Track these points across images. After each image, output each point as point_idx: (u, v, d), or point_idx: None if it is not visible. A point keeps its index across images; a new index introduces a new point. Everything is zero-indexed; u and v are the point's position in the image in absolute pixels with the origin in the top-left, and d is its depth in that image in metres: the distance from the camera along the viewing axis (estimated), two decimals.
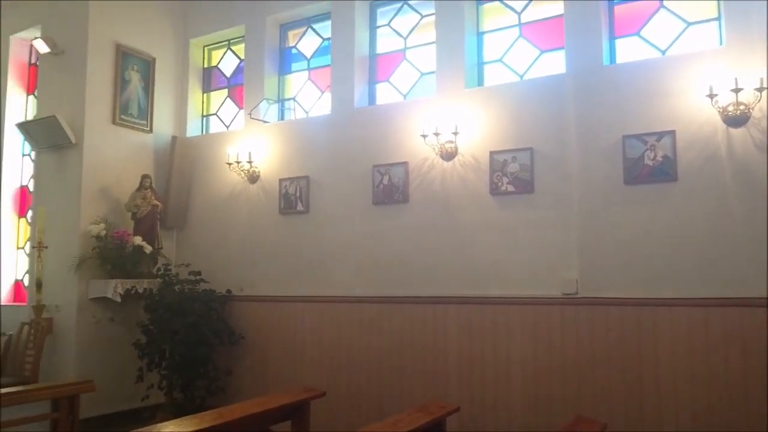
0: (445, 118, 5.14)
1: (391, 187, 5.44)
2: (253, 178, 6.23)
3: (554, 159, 4.79)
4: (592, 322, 4.53)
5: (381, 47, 5.99)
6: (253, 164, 6.17)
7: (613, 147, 4.55)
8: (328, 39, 6.19)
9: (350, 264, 5.63)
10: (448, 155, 5.19)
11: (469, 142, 5.14)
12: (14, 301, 6.67)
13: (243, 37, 6.66)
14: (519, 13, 5.28)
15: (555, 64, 5.05)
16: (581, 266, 4.62)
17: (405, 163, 5.39)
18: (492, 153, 5.01)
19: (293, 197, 5.99)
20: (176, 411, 5.70)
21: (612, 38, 4.85)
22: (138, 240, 6.05)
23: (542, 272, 4.75)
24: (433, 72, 5.50)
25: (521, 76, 5.22)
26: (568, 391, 4.56)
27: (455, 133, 5.11)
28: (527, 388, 4.72)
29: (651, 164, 4.40)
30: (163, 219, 6.40)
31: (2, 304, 6.53)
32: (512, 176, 4.91)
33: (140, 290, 6.00)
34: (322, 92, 6.22)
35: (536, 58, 5.18)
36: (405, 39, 5.84)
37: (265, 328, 6.03)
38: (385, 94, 5.90)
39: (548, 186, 4.79)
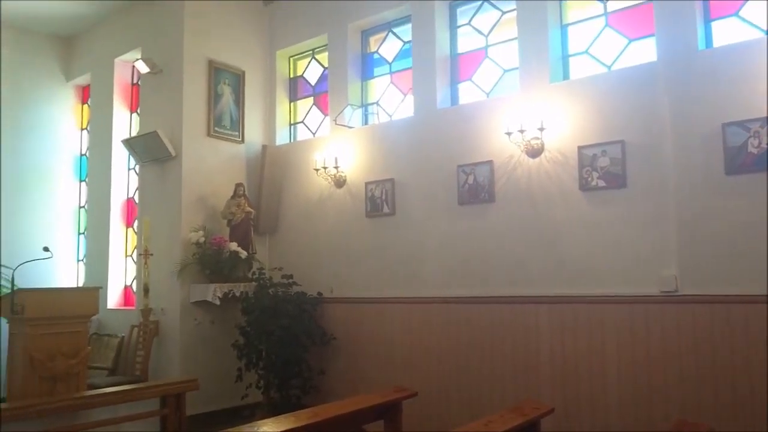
0: (530, 114, 5.05)
1: (476, 187, 5.41)
2: (340, 182, 6.37)
3: (647, 151, 4.59)
4: (694, 320, 4.29)
5: (462, 47, 5.97)
6: (339, 169, 6.31)
7: (712, 136, 4.30)
8: (409, 42, 6.23)
9: (437, 264, 5.64)
10: (534, 152, 5.10)
11: (555, 138, 5.02)
12: (124, 305, 7.16)
13: (326, 45, 6.83)
14: (605, 2, 5.11)
15: (645, 52, 4.84)
16: (680, 262, 4.39)
17: (490, 162, 5.34)
18: (580, 148, 4.87)
19: (379, 200, 6.07)
20: (273, 409, 5.91)
21: (707, 20, 4.59)
22: (234, 246, 6.33)
23: (638, 269, 4.56)
24: (516, 68, 5.42)
25: (609, 67, 5.04)
26: (669, 392, 4.34)
27: (541, 129, 5.01)
28: (624, 389, 4.54)
29: (755, 152, 4.13)
30: (256, 225, 6.66)
31: (114, 308, 7.03)
32: (603, 171, 4.75)
33: (237, 293, 6.27)
34: (405, 95, 6.27)
35: (624, 47, 4.99)
36: (486, 37, 5.79)
37: (355, 328, 6.15)
38: (467, 93, 5.86)
39: (642, 179, 4.60)
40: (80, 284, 7.71)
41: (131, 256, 7.27)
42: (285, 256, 6.77)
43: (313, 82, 7.17)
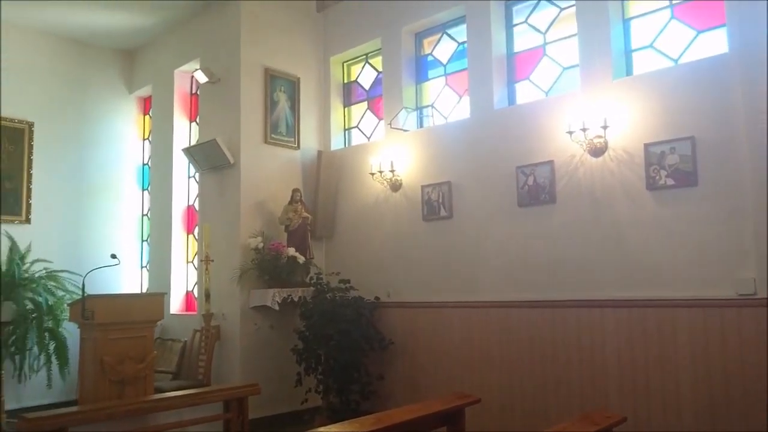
0: (592, 112, 4.90)
1: (536, 188, 5.28)
2: (396, 186, 6.34)
3: (720, 147, 4.37)
4: None
5: (518, 45, 5.85)
6: (395, 173, 6.28)
7: None
8: (464, 43, 6.16)
9: (497, 268, 5.53)
10: (597, 151, 4.94)
11: (619, 136, 4.85)
12: (186, 310, 7.31)
13: (380, 49, 6.82)
14: None
15: (715, 43, 4.63)
16: (759, 264, 4.15)
17: (550, 162, 5.20)
18: (647, 145, 4.68)
19: (436, 203, 6.01)
20: (333, 414, 5.92)
21: None
22: (291, 251, 6.38)
23: (712, 271, 4.34)
24: (576, 65, 5.27)
25: (676, 61, 4.84)
26: (749, 403, 4.11)
27: (604, 127, 4.84)
28: (699, 395, 4.32)
29: None
30: (312, 230, 6.70)
31: (177, 313, 7.20)
32: (671, 169, 4.55)
33: (295, 299, 6.32)
34: (460, 96, 6.20)
35: (692, 40, 4.78)
36: (544, 34, 5.66)
37: (413, 333, 6.10)
38: (525, 92, 5.74)
39: (714, 177, 4.38)
40: (144, 290, 7.92)
41: (192, 262, 7.42)
42: (342, 261, 6.78)
43: (367, 86, 7.17)
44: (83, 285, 5.24)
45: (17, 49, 7.28)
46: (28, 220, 7.19)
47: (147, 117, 8.41)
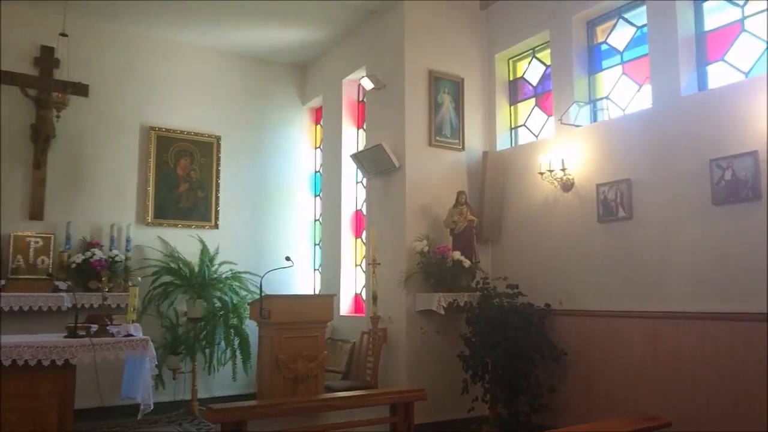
0: None
1: (735, 183, 4.60)
2: (567, 186, 5.93)
3: None
4: None
5: (710, 23, 5.17)
6: (566, 171, 5.88)
7: None
8: (643, 26, 5.60)
9: (686, 275, 4.92)
10: None
11: None
12: (354, 312, 7.49)
13: (548, 42, 6.46)
14: None
15: None
16: None
17: (753, 153, 4.50)
18: None
19: (613, 203, 5.51)
20: (501, 425, 5.67)
21: None
22: (457, 255, 6.24)
23: None
24: None
25: None
26: None
27: None
28: None
29: None
30: (478, 233, 6.51)
31: (346, 314, 7.40)
32: None
33: (461, 303, 6.16)
34: (640, 85, 5.64)
35: None
36: (742, 7, 4.94)
37: (588, 344, 5.64)
38: (719, 75, 5.06)
39: None
40: (316, 292, 8.28)
41: (360, 265, 7.59)
42: (509, 265, 6.50)
43: (534, 82, 6.83)
44: (260, 285, 5.56)
45: (205, 69, 8.04)
46: (216, 226, 7.86)
47: (318, 126, 8.80)
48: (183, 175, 7.76)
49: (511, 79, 7.11)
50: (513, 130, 7.04)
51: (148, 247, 7.37)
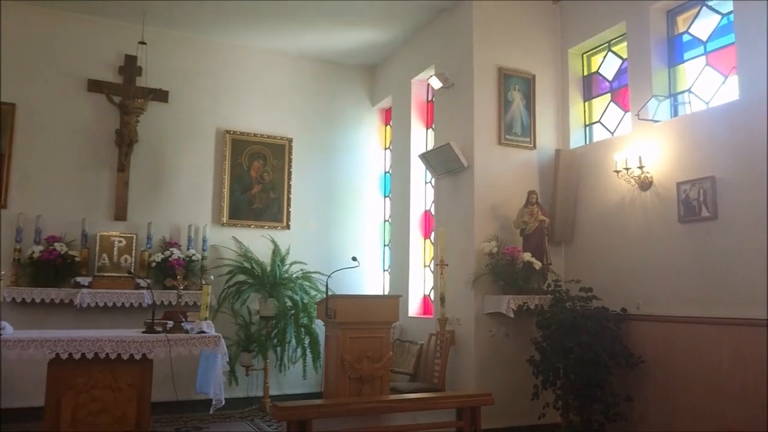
0: None
1: None
2: (645, 184, 5.64)
3: None
4: None
5: None
6: (644, 169, 5.59)
7: None
8: (729, 14, 5.24)
9: None
10: None
11: None
12: (423, 313, 7.43)
13: (624, 35, 6.17)
14: None
15: None
16: None
17: None
18: None
19: (695, 202, 5.18)
20: None
21: None
22: (527, 256, 6.07)
23: None
24: None
25: None
26: None
27: None
28: None
29: None
30: (550, 234, 6.31)
31: (414, 316, 7.36)
32: None
33: (531, 306, 5.99)
34: (725, 77, 5.28)
35: None
36: None
37: (668, 352, 5.32)
38: None
39: None
40: (385, 293, 8.28)
41: (429, 266, 7.53)
42: (582, 268, 6.25)
43: (609, 76, 6.54)
44: (327, 285, 5.61)
45: (277, 73, 8.22)
46: (287, 226, 8.01)
47: (388, 127, 8.81)
48: (256, 176, 7.96)
49: (585, 74, 6.85)
50: (587, 127, 6.77)
51: (223, 246, 7.61)
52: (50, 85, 7.06)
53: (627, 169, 5.68)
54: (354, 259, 5.87)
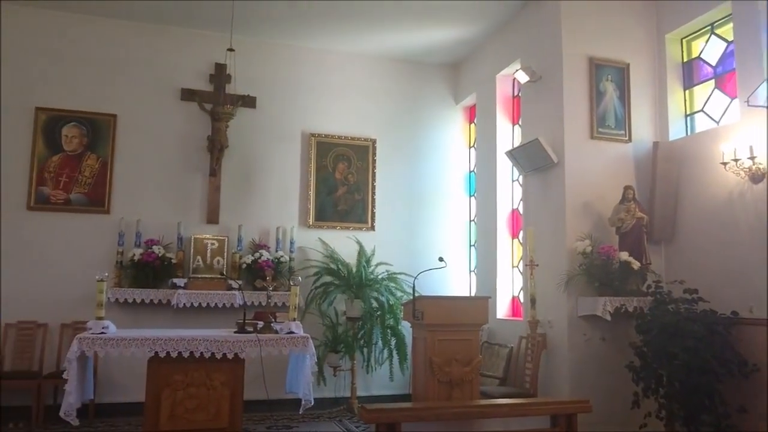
0: None
1: None
2: (757, 176, 5.18)
3: None
4: None
5: None
6: (755, 160, 5.14)
7: None
8: None
9: None
10: None
11: None
12: (512, 315, 7.21)
13: (730, 15, 5.71)
14: None
15: None
16: None
17: None
18: None
19: None
20: None
21: None
22: (624, 255, 5.75)
23: None
24: None
25: None
26: None
27: None
28: None
29: None
30: (649, 232, 5.94)
31: (503, 318, 7.14)
32: None
33: (630, 309, 5.66)
34: None
35: None
36: None
37: None
38: None
39: None
40: (472, 294, 8.10)
41: (517, 266, 7.29)
42: (686, 268, 5.84)
43: (713, 62, 6.08)
44: (413, 286, 5.53)
45: (359, 74, 8.25)
46: (372, 227, 8.01)
47: (472, 125, 8.63)
48: (341, 178, 8.01)
49: (685, 60, 6.40)
50: (688, 117, 6.33)
51: (309, 248, 7.70)
52: (147, 95, 7.42)
53: (736, 160, 5.25)
54: (441, 259, 5.76)
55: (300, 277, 6.13)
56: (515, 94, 7.59)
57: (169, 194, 7.35)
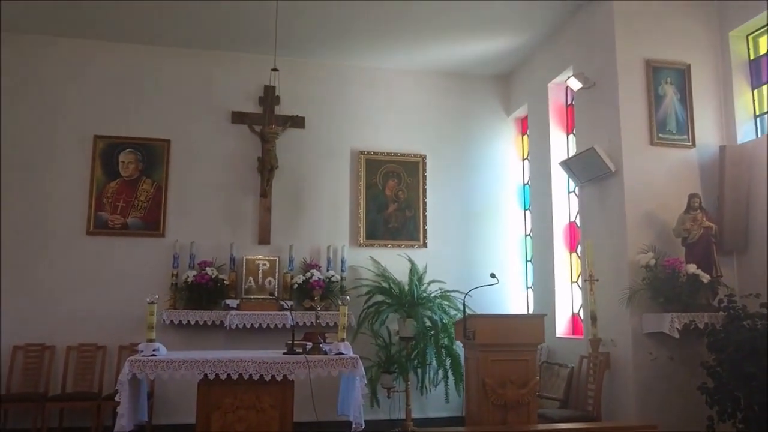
0: None
1: None
2: None
3: None
4: None
5: None
6: None
7: None
8: None
9: None
10: None
11: None
12: (572, 334, 6.86)
13: None
14: None
15: None
16: None
17: None
18: None
19: None
20: None
21: None
22: (692, 268, 5.38)
23: None
24: None
25: None
26: None
27: None
28: None
29: None
30: (718, 242, 5.54)
31: (562, 336, 6.81)
32: None
33: (700, 325, 5.27)
34: None
35: None
36: None
37: None
38: None
39: None
40: (529, 311, 7.79)
41: (576, 282, 6.96)
42: (761, 280, 5.40)
43: None
44: (464, 303, 5.32)
45: (407, 90, 8.17)
46: (424, 245, 7.85)
47: (525, 136, 8.38)
48: (391, 195, 7.90)
49: (752, 57, 6.02)
50: (758, 118, 5.93)
51: (361, 267, 7.60)
52: (199, 120, 7.56)
53: None
54: (493, 275, 5.53)
55: (349, 296, 6.01)
56: (568, 102, 7.32)
57: (221, 216, 7.43)
